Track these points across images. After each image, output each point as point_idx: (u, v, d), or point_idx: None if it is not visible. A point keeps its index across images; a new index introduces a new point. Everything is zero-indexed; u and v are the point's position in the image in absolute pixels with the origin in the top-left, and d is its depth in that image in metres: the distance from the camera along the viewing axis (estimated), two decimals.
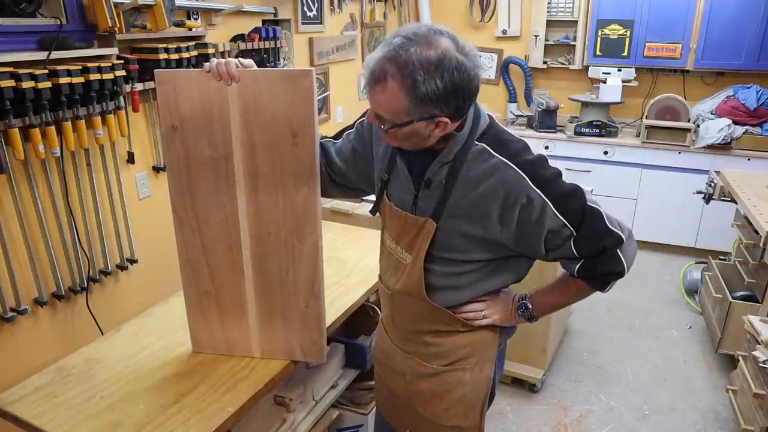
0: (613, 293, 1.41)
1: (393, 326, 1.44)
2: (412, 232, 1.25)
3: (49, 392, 1.42)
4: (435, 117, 1.08)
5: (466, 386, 1.38)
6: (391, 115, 1.09)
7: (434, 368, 1.38)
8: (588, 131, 4.27)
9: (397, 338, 1.44)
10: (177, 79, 1.31)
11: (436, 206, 1.21)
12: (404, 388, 1.44)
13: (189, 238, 1.45)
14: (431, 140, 1.15)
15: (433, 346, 1.37)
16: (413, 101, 1.04)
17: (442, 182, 1.19)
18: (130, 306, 2.15)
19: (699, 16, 3.96)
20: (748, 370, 2.24)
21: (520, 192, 1.14)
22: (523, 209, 1.15)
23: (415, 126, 1.09)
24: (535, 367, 2.69)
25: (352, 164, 1.40)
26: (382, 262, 1.44)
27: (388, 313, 1.45)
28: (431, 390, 1.39)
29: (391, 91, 1.04)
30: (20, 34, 1.71)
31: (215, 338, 1.56)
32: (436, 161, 1.20)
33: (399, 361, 1.44)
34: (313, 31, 3.44)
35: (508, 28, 4.76)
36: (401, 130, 1.11)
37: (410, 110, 1.06)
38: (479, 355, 1.37)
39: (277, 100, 1.28)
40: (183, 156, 1.37)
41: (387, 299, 1.43)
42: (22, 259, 1.82)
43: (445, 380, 1.38)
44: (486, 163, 1.17)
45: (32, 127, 1.72)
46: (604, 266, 1.22)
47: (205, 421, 1.32)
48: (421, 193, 1.24)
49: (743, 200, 2.77)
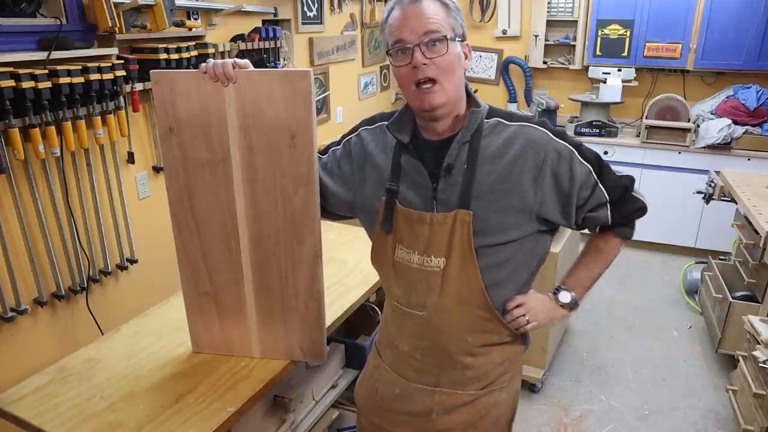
0: (613, 293, 1.41)
1: (421, 359, 1.27)
2: (443, 232, 1.14)
3: (49, 392, 1.42)
4: (465, 39, 1.15)
5: (501, 408, 1.30)
6: (444, 27, 1.10)
7: (469, 395, 1.26)
8: (588, 131, 4.27)
9: (421, 373, 1.28)
10: (174, 81, 1.29)
11: (461, 193, 1.13)
12: (429, 429, 1.29)
13: (187, 240, 1.45)
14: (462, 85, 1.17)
15: (470, 369, 1.25)
16: (450, 19, 1.11)
17: (463, 165, 1.14)
18: (130, 306, 2.15)
19: (699, 16, 3.96)
20: (748, 370, 2.24)
21: (548, 147, 1.14)
22: (554, 163, 1.14)
23: (456, 47, 1.12)
24: (535, 367, 2.69)
25: (337, 182, 1.32)
26: (392, 284, 1.27)
27: (416, 342, 1.26)
28: (465, 422, 1.27)
29: (434, 6, 1.10)
30: (20, 34, 1.71)
31: (215, 338, 1.55)
32: (456, 142, 1.14)
33: (421, 401, 1.29)
34: (313, 31, 3.44)
35: (508, 28, 4.76)
36: (455, 49, 1.11)
37: (451, 23, 1.11)
38: (513, 370, 1.31)
39: (275, 102, 1.26)
40: (180, 158, 1.36)
41: (416, 325, 1.24)
42: (22, 259, 1.82)
43: (480, 406, 1.27)
44: (504, 132, 1.16)
45: (32, 127, 1.72)
46: (629, 205, 1.23)
47: (205, 421, 1.32)
48: (441, 184, 1.15)
49: (743, 200, 2.76)
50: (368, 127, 1.31)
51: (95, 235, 2.07)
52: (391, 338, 1.33)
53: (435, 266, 1.17)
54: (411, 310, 1.24)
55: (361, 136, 1.31)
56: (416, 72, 1.09)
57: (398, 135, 1.21)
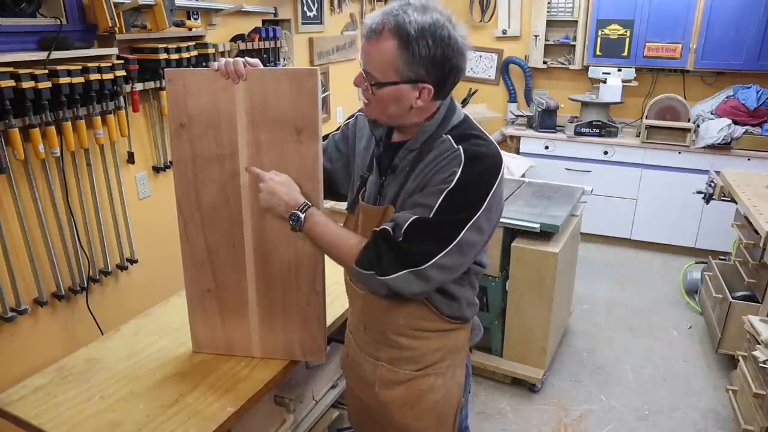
0: (613, 293, 1.41)
1: (364, 331, 1.40)
2: (375, 222, 1.25)
3: (49, 392, 1.42)
4: (420, 82, 1.13)
5: (438, 393, 1.36)
6: (380, 71, 1.13)
7: (406, 374, 1.34)
8: (588, 131, 4.27)
9: (367, 344, 1.40)
10: (186, 78, 1.34)
11: (396, 191, 1.24)
12: (374, 400, 1.40)
13: (193, 236, 1.46)
14: (410, 116, 1.20)
15: (406, 349, 1.33)
16: (404, 58, 1.10)
17: (406, 168, 1.23)
18: (130, 306, 2.15)
19: (699, 16, 3.96)
20: (748, 370, 2.24)
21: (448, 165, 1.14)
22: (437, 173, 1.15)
23: (401, 89, 1.14)
24: (535, 367, 2.69)
25: (337, 164, 1.45)
26: None
27: (360, 316, 1.41)
28: (402, 399, 1.36)
29: (385, 45, 1.11)
30: (20, 34, 1.71)
31: (216, 337, 1.56)
32: (404, 148, 1.25)
33: (368, 371, 1.40)
34: (313, 31, 3.44)
35: (508, 28, 4.76)
36: (386, 91, 1.15)
37: (399, 68, 1.12)
38: (451, 359, 1.37)
39: (283, 99, 1.30)
40: (190, 153, 1.39)
41: (359, 300, 1.39)
42: (22, 259, 1.82)
43: (416, 387, 1.35)
44: (444, 151, 1.19)
45: (32, 127, 1.72)
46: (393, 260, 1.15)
47: (205, 421, 1.32)
48: (387, 180, 1.27)
49: (743, 200, 2.77)
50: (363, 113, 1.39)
51: (95, 235, 2.07)
52: (349, 308, 1.49)
53: None
54: (355, 287, 1.38)
55: (358, 119, 1.42)
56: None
57: (374, 131, 1.32)
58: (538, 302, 2.57)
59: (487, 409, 2.62)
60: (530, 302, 2.60)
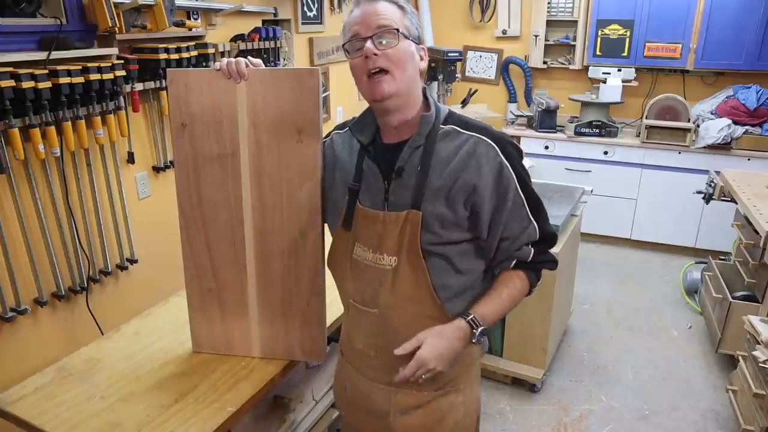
0: (613, 293, 1.42)
1: (374, 357, 1.28)
2: (394, 231, 1.18)
3: (49, 392, 1.42)
4: (420, 43, 1.20)
5: (458, 411, 1.30)
6: (392, 22, 1.14)
7: (425, 395, 1.27)
8: (588, 131, 4.27)
9: (377, 371, 1.29)
10: (188, 78, 1.34)
11: (414, 193, 1.17)
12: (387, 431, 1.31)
13: (194, 236, 1.46)
14: (416, 85, 1.20)
15: None
16: (405, 20, 1.17)
17: (416, 168, 1.18)
18: (130, 306, 2.15)
19: (699, 16, 3.96)
20: (748, 370, 2.24)
21: (492, 160, 1.16)
22: (496, 177, 1.17)
23: (408, 44, 1.16)
24: (535, 367, 2.69)
25: None
26: (348, 282, 1.30)
27: (369, 340, 1.28)
28: (421, 425, 1.28)
29: (388, 6, 1.16)
30: (20, 34, 1.71)
31: (216, 337, 1.56)
32: (407, 147, 1.19)
33: (380, 401, 1.30)
34: (313, 31, 3.44)
35: (508, 28, 4.76)
36: (406, 44, 1.15)
37: (406, 26, 1.16)
38: (468, 372, 1.32)
39: (284, 99, 1.31)
40: (191, 153, 1.39)
41: (369, 322, 1.26)
42: (22, 259, 1.82)
43: (436, 408, 1.28)
44: (457, 140, 1.19)
45: (32, 127, 1.72)
46: (547, 255, 1.28)
47: (205, 421, 1.32)
48: (393, 185, 1.19)
49: (743, 200, 2.77)
50: (339, 131, 1.37)
51: (95, 235, 2.07)
52: (349, 336, 1.37)
53: (387, 264, 1.21)
54: (364, 308, 1.27)
55: (333, 140, 1.36)
56: (368, 62, 1.14)
57: (359, 136, 1.25)
58: (538, 302, 2.57)
59: (487, 409, 2.62)
60: (530, 302, 2.58)
